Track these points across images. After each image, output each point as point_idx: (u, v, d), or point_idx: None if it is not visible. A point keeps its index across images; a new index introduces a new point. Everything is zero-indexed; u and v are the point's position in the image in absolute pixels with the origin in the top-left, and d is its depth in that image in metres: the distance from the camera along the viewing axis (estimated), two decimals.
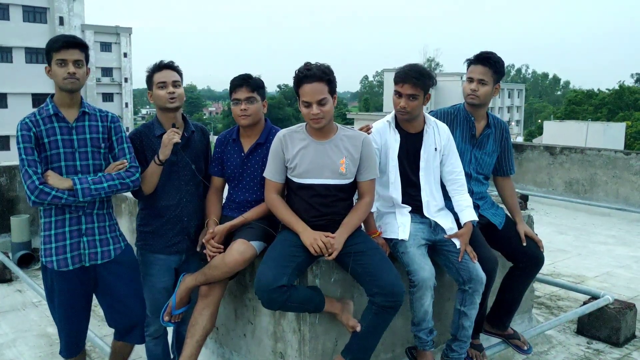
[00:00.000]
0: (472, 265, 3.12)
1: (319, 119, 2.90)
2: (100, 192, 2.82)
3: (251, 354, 3.47)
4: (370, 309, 2.88)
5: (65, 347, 3.05)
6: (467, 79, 3.48)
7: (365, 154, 3.03)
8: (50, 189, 2.72)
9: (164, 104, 3.13)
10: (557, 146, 10.21)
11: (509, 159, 3.72)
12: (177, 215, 3.22)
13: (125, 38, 55.79)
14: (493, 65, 3.41)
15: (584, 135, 34.34)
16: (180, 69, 3.23)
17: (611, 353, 4.23)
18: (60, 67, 2.78)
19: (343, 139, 3.02)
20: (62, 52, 2.78)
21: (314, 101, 2.87)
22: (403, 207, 3.27)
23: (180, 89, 3.17)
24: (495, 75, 3.43)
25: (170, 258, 3.25)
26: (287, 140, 3.03)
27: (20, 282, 5.72)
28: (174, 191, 3.20)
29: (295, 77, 2.93)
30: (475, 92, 3.42)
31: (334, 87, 2.95)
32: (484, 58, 3.42)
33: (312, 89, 2.87)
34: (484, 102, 3.47)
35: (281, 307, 2.86)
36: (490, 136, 3.61)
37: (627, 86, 68.33)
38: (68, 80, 2.79)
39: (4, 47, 40.82)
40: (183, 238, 3.25)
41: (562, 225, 8.40)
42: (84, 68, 2.85)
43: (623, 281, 5.90)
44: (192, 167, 3.24)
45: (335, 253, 2.87)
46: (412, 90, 3.13)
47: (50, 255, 2.85)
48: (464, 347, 3.30)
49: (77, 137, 2.86)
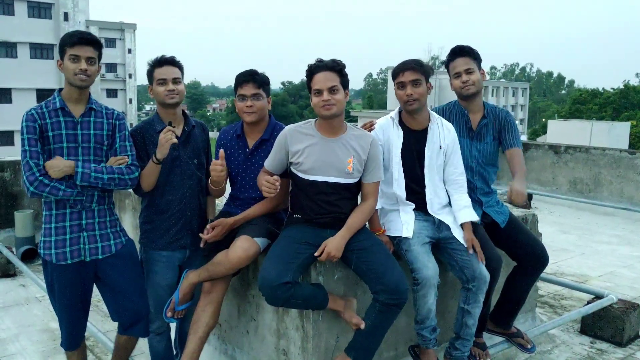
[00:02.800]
0: (477, 264, 3.11)
1: (330, 105, 2.87)
2: (98, 182, 2.82)
3: (254, 351, 3.47)
4: (374, 306, 2.87)
5: (66, 340, 3.07)
6: (453, 76, 3.49)
7: (372, 155, 3.01)
8: (49, 180, 2.73)
9: (163, 100, 3.14)
10: (561, 145, 10.19)
11: (512, 133, 3.59)
12: (181, 210, 3.22)
13: (130, 34, 55.80)
14: (470, 54, 3.46)
15: (589, 134, 34.20)
16: (181, 64, 3.23)
17: (615, 353, 4.22)
18: (72, 62, 2.80)
19: (351, 138, 3.00)
20: (76, 48, 2.79)
21: (325, 88, 2.86)
22: (407, 205, 3.25)
23: (180, 86, 3.17)
24: (476, 62, 3.48)
25: (174, 255, 3.25)
26: (293, 135, 3.01)
27: (24, 277, 5.74)
28: (176, 186, 3.20)
29: (307, 70, 2.94)
30: (467, 83, 3.43)
31: (346, 81, 2.94)
32: (460, 50, 3.47)
33: (324, 76, 2.88)
34: (479, 89, 3.48)
35: (284, 304, 2.85)
36: (489, 125, 3.58)
37: (632, 85, 68.11)
38: (79, 76, 2.80)
39: (9, 42, 40.83)
40: (186, 233, 3.25)
41: (566, 224, 8.37)
42: (95, 66, 2.86)
43: (627, 281, 5.89)
44: (194, 162, 3.24)
45: (334, 259, 2.88)
46: (413, 76, 3.12)
47: (49, 248, 2.86)
48: (467, 346, 3.29)
49: (81, 132, 2.86)
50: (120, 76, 55.47)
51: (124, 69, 55.76)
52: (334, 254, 2.86)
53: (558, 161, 9.98)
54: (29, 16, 42.11)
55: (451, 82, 3.53)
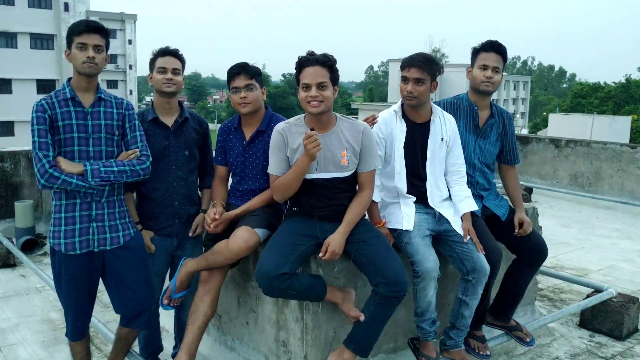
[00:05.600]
0: (477, 256, 3.11)
1: (318, 102, 2.81)
2: (109, 176, 2.82)
3: (254, 342, 3.48)
4: (374, 298, 2.87)
5: (71, 330, 3.07)
6: (480, 66, 3.42)
7: (365, 144, 2.96)
8: (60, 172, 2.73)
9: (160, 87, 3.19)
10: (562, 139, 10.17)
11: (513, 148, 3.70)
12: (168, 199, 3.25)
13: (130, 25, 55.61)
14: (504, 54, 3.45)
15: (590, 128, 34.15)
16: (183, 57, 3.29)
17: (614, 346, 4.22)
18: (80, 51, 2.80)
19: (343, 130, 2.95)
20: (83, 36, 2.79)
21: (313, 83, 2.80)
22: (408, 198, 3.25)
23: (178, 77, 3.22)
24: (504, 64, 3.47)
25: (163, 242, 3.28)
26: (286, 133, 2.95)
27: (24, 268, 5.75)
28: (163, 175, 3.23)
29: (297, 62, 2.88)
30: (490, 80, 3.40)
31: (336, 77, 2.88)
32: (497, 46, 3.43)
33: (313, 71, 2.81)
34: (495, 90, 3.47)
35: (281, 295, 2.85)
36: (494, 126, 3.58)
37: (634, 79, 67.90)
38: (87, 64, 2.80)
39: (9, 32, 40.70)
40: (174, 222, 3.28)
41: (566, 218, 8.38)
42: (103, 54, 2.86)
43: (626, 275, 5.89)
44: (185, 152, 3.27)
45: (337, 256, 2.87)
46: (418, 74, 3.10)
47: (58, 238, 2.86)
48: (462, 336, 3.30)
49: (91, 122, 2.86)
50: (120, 67, 55.33)
51: (125, 59, 55.61)
52: (338, 252, 2.86)
53: (559, 155, 9.97)
54: (29, 6, 41.95)
55: (472, 71, 3.47)
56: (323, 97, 2.81)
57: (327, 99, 2.83)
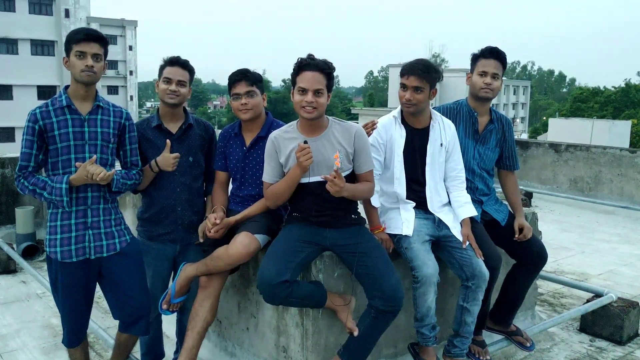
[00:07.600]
0: (476, 262, 3.12)
1: (312, 108, 2.82)
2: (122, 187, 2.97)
3: (254, 348, 3.48)
4: (369, 312, 2.88)
5: (67, 337, 3.08)
6: (479, 73, 3.44)
7: (358, 146, 2.96)
8: (25, 187, 2.84)
9: (163, 97, 3.22)
10: (562, 143, 10.19)
11: (512, 154, 3.72)
12: (170, 205, 3.26)
13: (131, 31, 55.70)
14: (503, 61, 3.46)
15: (589, 133, 34.12)
16: (192, 68, 3.30)
17: (614, 351, 4.22)
18: (78, 59, 2.80)
19: (335, 133, 2.95)
20: (82, 45, 2.80)
21: (311, 89, 2.81)
22: (407, 203, 3.26)
23: (183, 89, 3.22)
24: (503, 70, 3.48)
25: (165, 248, 3.30)
26: (279, 141, 2.97)
27: (25, 274, 5.75)
28: (167, 181, 3.25)
29: (296, 64, 2.88)
30: (489, 86, 3.42)
31: (331, 84, 2.90)
32: (497, 53, 3.44)
33: (312, 76, 2.82)
34: (494, 96, 3.48)
35: (282, 302, 2.86)
36: (494, 131, 3.60)
37: (634, 84, 67.93)
38: (85, 72, 2.81)
39: (10, 38, 40.76)
40: (176, 228, 3.29)
41: (566, 222, 8.37)
42: (101, 62, 2.87)
43: (627, 279, 5.89)
44: (189, 159, 3.28)
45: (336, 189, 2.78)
46: (417, 83, 3.11)
47: (54, 246, 2.87)
48: (466, 343, 3.30)
49: (88, 129, 2.88)
50: (121, 73, 55.37)
51: (125, 65, 55.66)
52: (342, 185, 2.77)
53: (559, 159, 9.98)
54: (30, 12, 42.02)
55: (471, 77, 3.49)
56: (318, 103, 2.83)
57: (321, 106, 2.85)
